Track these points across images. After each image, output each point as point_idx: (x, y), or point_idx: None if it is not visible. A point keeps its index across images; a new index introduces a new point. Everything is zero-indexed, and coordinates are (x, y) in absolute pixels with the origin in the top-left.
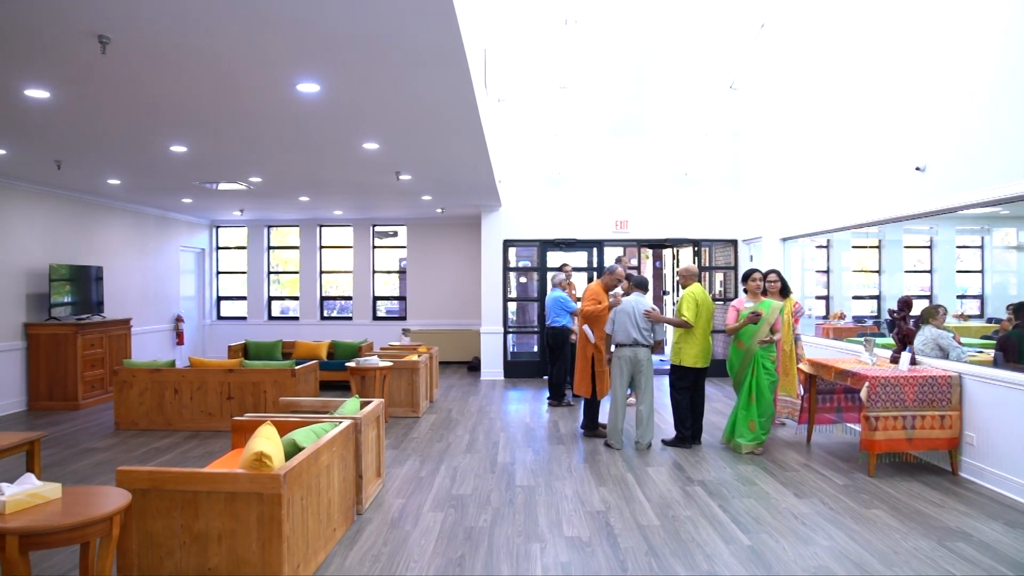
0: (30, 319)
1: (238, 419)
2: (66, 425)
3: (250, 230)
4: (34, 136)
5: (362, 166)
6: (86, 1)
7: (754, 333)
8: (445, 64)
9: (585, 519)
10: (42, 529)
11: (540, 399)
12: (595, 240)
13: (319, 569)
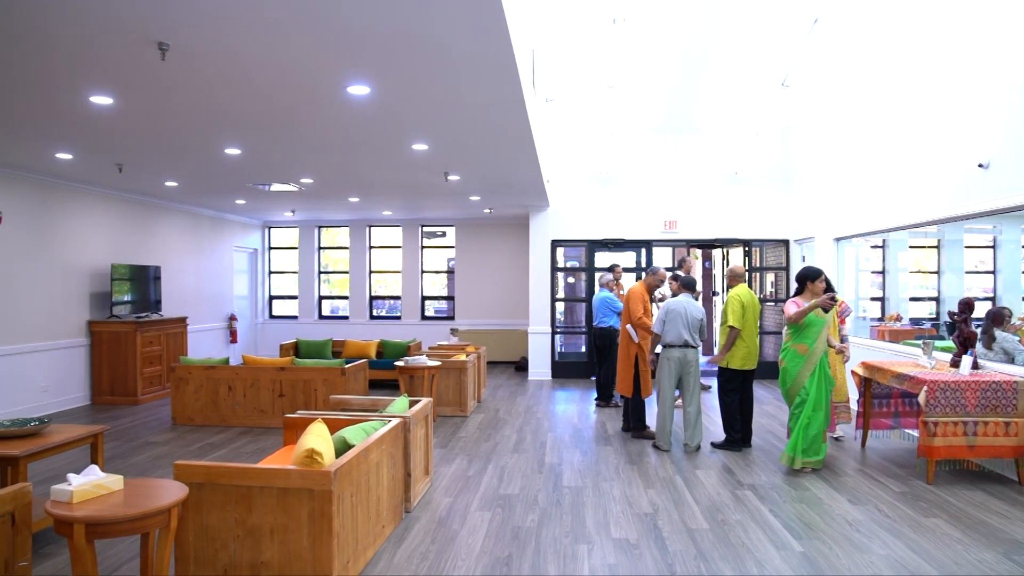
0: (93, 317)
1: (290, 416)
2: (126, 419)
3: (301, 230)
4: (98, 141)
5: (411, 167)
6: (146, 10)
7: (819, 333)
8: (494, 65)
9: (633, 521)
10: (106, 519)
11: (588, 400)
12: (643, 240)
13: (368, 566)
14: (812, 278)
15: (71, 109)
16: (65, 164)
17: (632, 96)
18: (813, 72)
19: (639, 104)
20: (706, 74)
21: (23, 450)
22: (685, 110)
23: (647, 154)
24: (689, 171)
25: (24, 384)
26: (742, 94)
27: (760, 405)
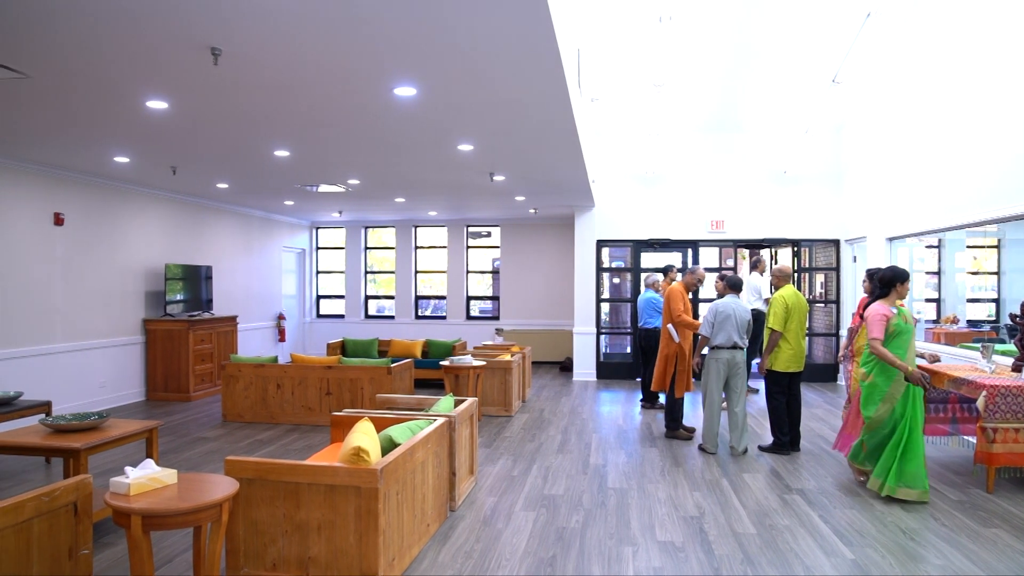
0: (148, 315)
1: (337, 414)
2: (179, 415)
3: (348, 231)
4: (153, 144)
5: (457, 167)
6: (200, 16)
7: (909, 342)
8: (540, 66)
9: (678, 524)
10: (161, 511)
11: (633, 401)
12: (690, 240)
13: (413, 563)
14: (903, 279)
15: (129, 114)
16: (122, 167)
17: (678, 95)
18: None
19: (685, 102)
20: (754, 71)
21: (84, 443)
22: (732, 108)
23: (693, 153)
24: (736, 170)
25: (84, 380)
26: (791, 91)
27: (809, 408)
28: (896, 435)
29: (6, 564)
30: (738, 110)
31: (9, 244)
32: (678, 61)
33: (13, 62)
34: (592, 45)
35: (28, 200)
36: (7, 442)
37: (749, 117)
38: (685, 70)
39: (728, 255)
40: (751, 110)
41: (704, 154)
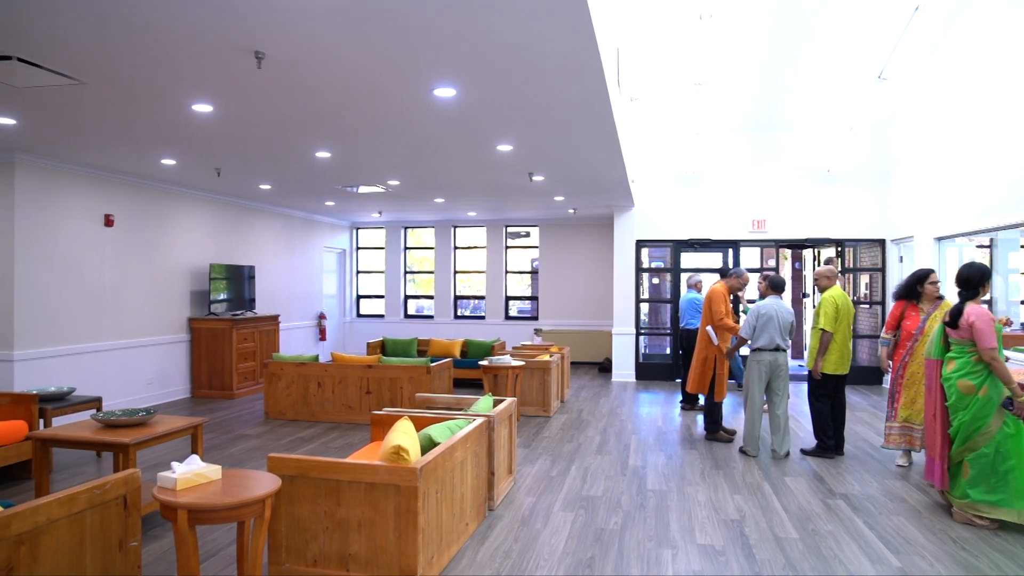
0: (193, 314)
1: (377, 413)
2: (222, 412)
3: (388, 231)
4: (198, 147)
5: (496, 168)
6: (243, 20)
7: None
8: (579, 66)
9: (719, 527)
10: (206, 506)
11: (672, 402)
12: (730, 240)
13: (451, 562)
14: (989, 277)
15: (176, 117)
16: (169, 169)
17: (719, 93)
18: (913, 63)
19: (726, 101)
20: (796, 68)
21: (132, 438)
22: (774, 106)
23: (734, 152)
24: (778, 169)
25: (132, 376)
26: (835, 88)
27: (853, 412)
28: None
29: (62, 553)
30: (780, 108)
31: (63, 245)
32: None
33: (69, 69)
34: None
35: (81, 202)
36: (62, 436)
37: (791, 115)
38: (725, 68)
39: (770, 255)
40: (793, 108)
41: (745, 153)
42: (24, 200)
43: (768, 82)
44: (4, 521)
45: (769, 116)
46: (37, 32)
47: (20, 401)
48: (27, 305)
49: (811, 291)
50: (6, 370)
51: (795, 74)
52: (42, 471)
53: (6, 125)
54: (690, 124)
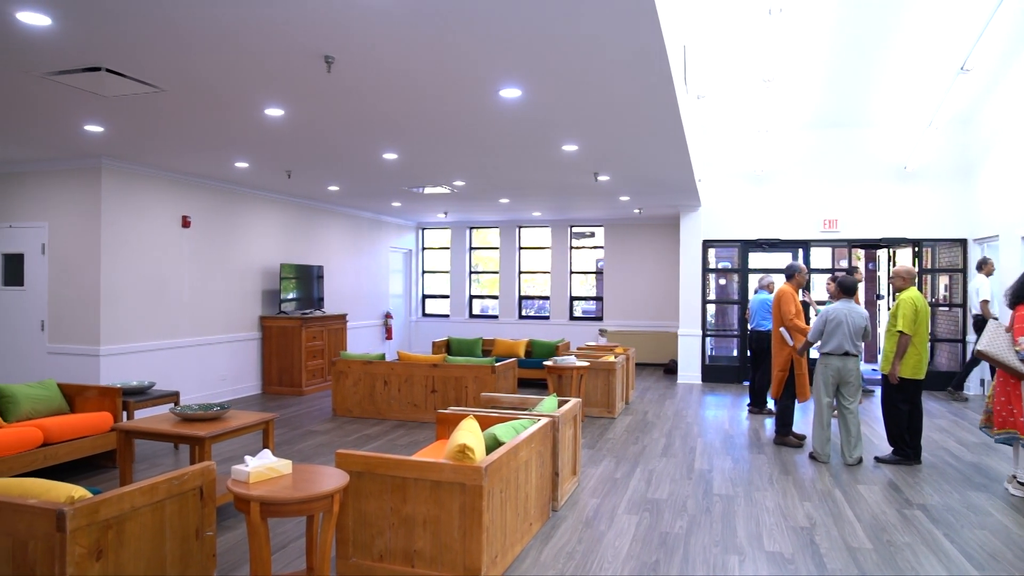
0: (264, 313)
1: (442, 412)
2: (292, 409)
3: (453, 231)
4: (270, 150)
5: (561, 168)
6: (315, 27)
7: None
8: (646, 64)
9: (787, 534)
10: (277, 499)
11: (739, 405)
12: (800, 240)
13: (515, 561)
14: None
15: (249, 122)
16: (242, 172)
17: (788, 89)
18: (999, 53)
19: (795, 97)
20: (871, 62)
21: (208, 432)
22: (847, 102)
23: (804, 150)
24: (851, 166)
25: (207, 372)
26: (913, 81)
27: (931, 418)
28: None
29: (145, 539)
30: (852, 103)
31: (144, 245)
32: (788, 54)
33: (151, 78)
34: (698, 41)
35: (160, 204)
36: (144, 428)
37: (865, 110)
38: (795, 63)
39: (842, 255)
40: (867, 103)
41: (816, 150)
42: (109, 203)
43: (840, 76)
44: (94, 507)
45: (841, 112)
46: (123, 43)
47: (106, 394)
48: (111, 303)
49: (886, 292)
50: (93, 364)
51: (869, 68)
52: (126, 461)
53: (94, 132)
54: (758, 121)
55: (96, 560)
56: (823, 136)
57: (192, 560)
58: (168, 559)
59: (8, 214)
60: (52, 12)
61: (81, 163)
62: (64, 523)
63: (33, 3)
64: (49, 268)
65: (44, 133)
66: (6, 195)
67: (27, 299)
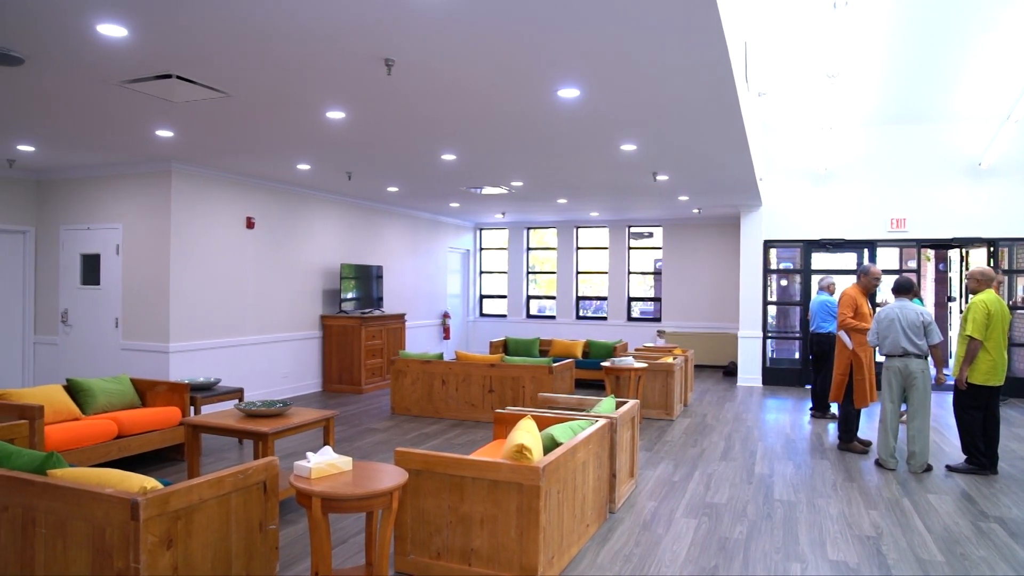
0: (325, 312)
1: (500, 412)
2: (351, 407)
3: (511, 232)
4: (331, 152)
5: (619, 168)
6: (376, 30)
7: None
8: (706, 63)
9: (852, 543)
10: (338, 495)
11: (801, 409)
12: (866, 240)
13: (572, 562)
14: None
15: (311, 125)
16: (304, 174)
17: (854, 85)
18: None
19: (861, 93)
20: (942, 55)
21: (271, 428)
22: (916, 97)
23: (870, 146)
24: (920, 163)
25: (270, 370)
26: (990, 74)
27: (1009, 427)
28: None
29: (212, 531)
30: (922, 99)
31: (211, 246)
32: (853, 49)
33: (218, 83)
34: (760, 37)
35: (225, 206)
36: (210, 423)
37: (937, 105)
38: (861, 58)
39: (910, 256)
40: (938, 97)
41: (882, 147)
42: (178, 205)
43: (909, 71)
44: (164, 498)
45: (910, 107)
46: (192, 51)
47: (175, 390)
48: (180, 302)
49: (959, 294)
50: (162, 361)
51: (941, 60)
52: (193, 454)
53: (165, 137)
54: (822, 118)
55: (167, 549)
56: (890, 132)
57: (256, 552)
58: (233, 551)
59: (86, 216)
60: (128, 23)
61: (152, 167)
62: (138, 512)
63: (112, 15)
64: (123, 268)
65: (119, 139)
66: (85, 198)
67: (103, 297)
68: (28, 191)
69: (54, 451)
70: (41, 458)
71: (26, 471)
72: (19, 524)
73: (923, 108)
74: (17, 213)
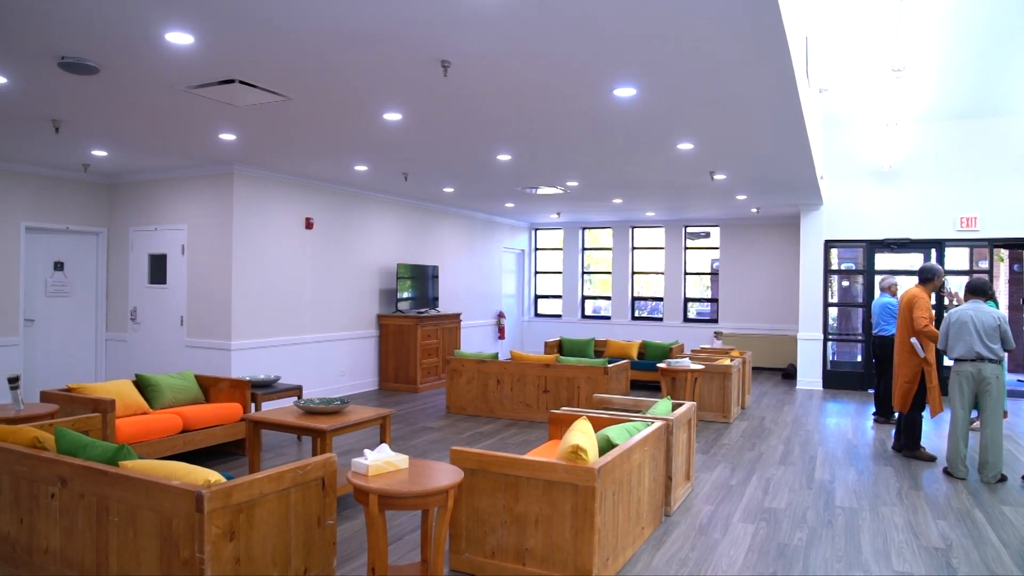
0: (381, 311)
1: (555, 412)
2: (407, 405)
3: (566, 232)
4: (388, 153)
5: (675, 167)
6: (432, 32)
7: None
8: (766, 59)
9: (919, 554)
10: (395, 493)
11: (864, 414)
12: (933, 240)
13: (626, 564)
14: None
15: (368, 127)
16: (361, 175)
17: (920, 80)
18: None
19: (928, 87)
20: (1013, 45)
21: (330, 425)
22: (987, 91)
23: (937, 143)
24: (992, 159)
25: (328, 368)
26: None
27: None
28: None
29: (272, 524)
30: (994, 92)
31: (271, 246)
32: (920, 42)
33: (278, 87)
34: (821, 31)
35: (285, 206)
36: (270, 419)
37: (1010, 99)
38: (928, 52)
39: (981, 256)
40: (1010, 90)
41: (950, 143)
42: (240, 206)
43: (980, 64)
44: (227, 491)
45: (981, 101)
46: (254, 56)
47: (237, 386)
48: (241, 300)
49: None
50: (224, 358)
51: (1012, 52)
52: (254, 450)
53: (228, 140)
54: (886, 114)
55: (229, 541)
56: (958, 127)
57: (314, 547)
58: (292, 544)
59: (154, 217)
60: (194, 31)
61: (216, 169)
62: (202, 504)
63: (179, 24)
64: (187, 267)
65: (185, 143)
66: (153, 200)
67: (169, 296)
68: (101, 194)
69: (125, 443)
70: (113, 450)
71: (100, 462)
72: (94, 511)
73: (993, 101)
74: (91, 215)
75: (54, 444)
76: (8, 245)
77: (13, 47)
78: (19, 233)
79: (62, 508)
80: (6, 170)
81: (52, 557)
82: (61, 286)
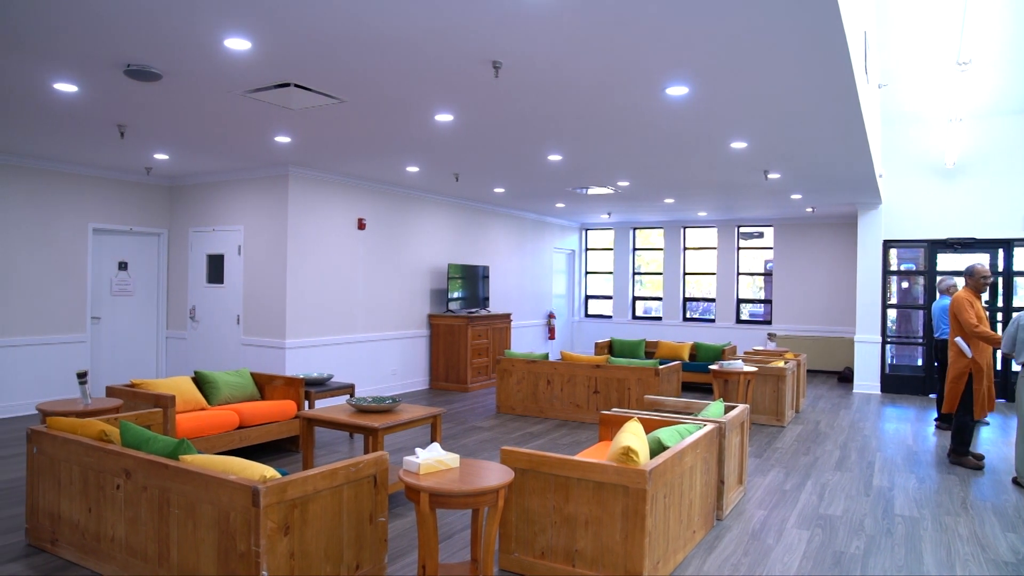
0: (432, 311)
1: (605, 413)
2: (457, 404)
3: (616, 232)
4: (439, 154)
5: (728, 166)
6: (483, 33)
7: None
8: (822, 56)
9: (986, 567)
10: (446, 491)
11: (925, 419)
12: (999, 240)
13: (677, 568)
14: None
15: (420, 128)
16: (413, 176)
17: (986, 74)
18: None
19: (995, 82)
20: None
21: (381, 423)
22: None
23: (1004, 138)
24: None
25: (379, 366)
26: None
27: None
28: None
29: (325, 520)
30: None
31: (325, 247)
32: (986, 35)
33: (332, 90)
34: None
35: (338, 207)
36: (324, 417)
37: None
38: (995, 45)
39: None
40: None
41: (1018, 139)
42: (295, 207)
43: None
44: (282, 487)
45: None
46: (309, 60)
47: (291, 384)
48: (295, 300)
49: None
50: (279, 356)
51: None
52: (308, 446)
53: (283, 143)
54: (949, 109)
55: (284, 535)
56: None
57: (366, 543)
58: (345, 540)
59: (212, 219)
60: (252, 37)
61: (271, 171)
62: (258, 499)
63: (237, 30)
64: (244, 267)
65: (242, 146)
66: (211, 201)
67: (226, 295)
68: (162, 196)
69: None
70: (174, 444)
71: (161, 455)
72: (156, 503)
73: None
74: (153, 216)
75: (119, 437)
76: (78, 246)
77: (84, 57)
78: (87, 234)
79: (127, 499)
80: (76, 174)
81: (118, 545)
82: (125, 285)
